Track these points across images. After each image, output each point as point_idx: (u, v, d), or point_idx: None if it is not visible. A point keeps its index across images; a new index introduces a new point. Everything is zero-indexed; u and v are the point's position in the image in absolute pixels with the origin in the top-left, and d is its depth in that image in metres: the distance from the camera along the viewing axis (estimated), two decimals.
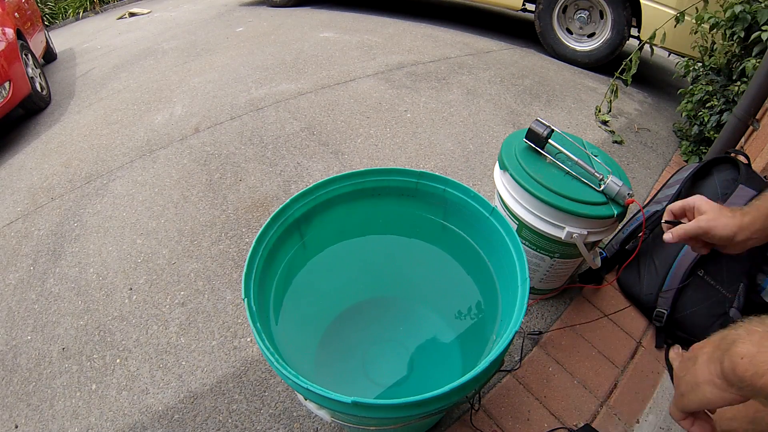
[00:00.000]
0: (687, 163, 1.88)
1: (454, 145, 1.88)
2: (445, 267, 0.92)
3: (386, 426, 0.64)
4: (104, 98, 2.83)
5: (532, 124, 0.96)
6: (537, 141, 0.97)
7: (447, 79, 2.46)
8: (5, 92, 2.50)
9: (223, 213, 1.58)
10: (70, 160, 2.13)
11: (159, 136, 2.15)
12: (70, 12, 6.23)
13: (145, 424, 1.00)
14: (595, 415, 0.96)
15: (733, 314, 0.99)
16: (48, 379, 1.15)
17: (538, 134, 0.95)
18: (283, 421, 0.97)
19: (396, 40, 3.06)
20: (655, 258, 1.13)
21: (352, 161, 1.80)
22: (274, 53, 2.95)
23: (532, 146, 0.98)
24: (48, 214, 1.77)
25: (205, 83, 2.63)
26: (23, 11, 3.52)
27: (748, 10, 1.59)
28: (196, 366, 1.10)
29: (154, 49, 3.65)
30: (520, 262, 0.68)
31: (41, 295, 1.40)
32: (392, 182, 0.84)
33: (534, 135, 0.96)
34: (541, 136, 0.95)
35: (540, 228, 0.96)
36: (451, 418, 0.95)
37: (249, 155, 1.88)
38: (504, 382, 1.01)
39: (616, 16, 2.46)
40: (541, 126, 0.96)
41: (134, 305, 1.29)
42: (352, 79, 2.46)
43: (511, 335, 0.57)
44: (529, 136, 0.97)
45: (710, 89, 1.81)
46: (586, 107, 2.22)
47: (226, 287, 1.30)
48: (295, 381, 0.52)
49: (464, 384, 0.52)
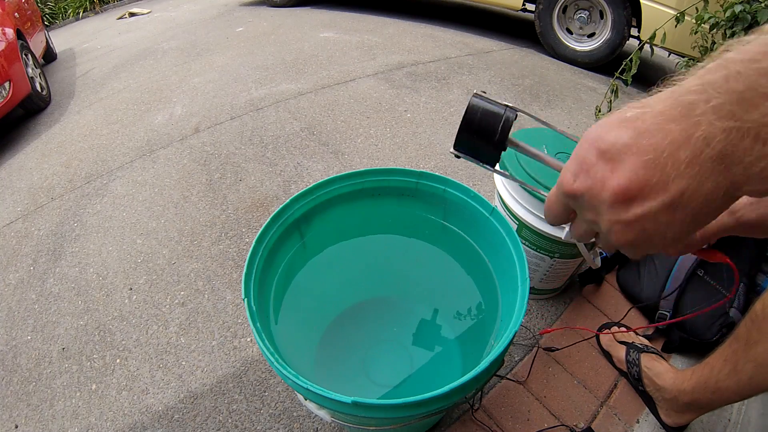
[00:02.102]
0: None
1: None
2: (445, 267, 0.92)
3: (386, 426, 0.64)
4: (104, 98, 2.83)
5: (472, 100, 0.42)
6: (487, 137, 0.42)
7: (447, 79, 2.46)
8: (5, 92, 2.50)
9: (223, 213, 1.58)
10: (70, 160, 2.13)
11: (159, 136, 2.15)
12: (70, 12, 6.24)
13: (145, 424, 1.00)
14: (595, 415, 0.96)
15: (733, 314, 1.00)
16: (48, 379, 1.15)
17: (490, 123, 0.41)
18: (283, 421, 0.97)
19: (396, 40, 3.06)
20: (655, 258, 1.13)
21: (352, 161, 1.80)
22: (274, 53, 2.95)
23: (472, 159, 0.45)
24: (48, 214, 1.77)
25: (205, 83, 2.64)
26: (23, 11, 3.52)
27: (748, 10, 1.59)
28: (196, 366, 1.10)
29: (154, 49, 3.65)
30: (520, 262, 0.68)
31: (41, 295, 1.40)
32: (392, 182, 0.84)
33: (481, 127, 0.41)
34: (495, 128, 0.41)
35: (540, 228, 0.96)
36: (451, 418, 0.95)
37: (249, 155, 1.88)
38: (504, 382, 1.01)
39: (616, 16, 2.46)
40: (492, 104, 0.41)
41: (134, 305, 1.29)
42: (352, 79, 2.46)
43: (511, 335, 0.57)
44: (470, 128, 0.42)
45: None
46: (586, 107, 2.22)
47: (226, 287, 1.30)
48: (295, 381, 0.52)
49: (464, 384, 0.52)
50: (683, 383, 0.80)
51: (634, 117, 0.25)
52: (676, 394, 0.82)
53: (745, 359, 0.61)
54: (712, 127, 0.22)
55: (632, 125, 0.25)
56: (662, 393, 0.87)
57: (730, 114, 0.22)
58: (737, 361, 0.62)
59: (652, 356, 0.94)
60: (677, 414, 0.85)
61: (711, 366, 0.70)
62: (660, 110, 0.24)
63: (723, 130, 0.22)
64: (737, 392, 0.65)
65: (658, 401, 0.90)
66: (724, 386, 0.66)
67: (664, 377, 0.87)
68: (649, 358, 0.93)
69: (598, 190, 0.27)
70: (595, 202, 0.27)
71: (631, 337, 1.02)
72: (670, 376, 0.86)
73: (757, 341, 0.58)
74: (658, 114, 0.24)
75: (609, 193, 0.26)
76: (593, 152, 0.27)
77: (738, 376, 0.63)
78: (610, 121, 0.26)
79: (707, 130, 0.22)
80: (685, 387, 0.79)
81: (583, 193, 0.28)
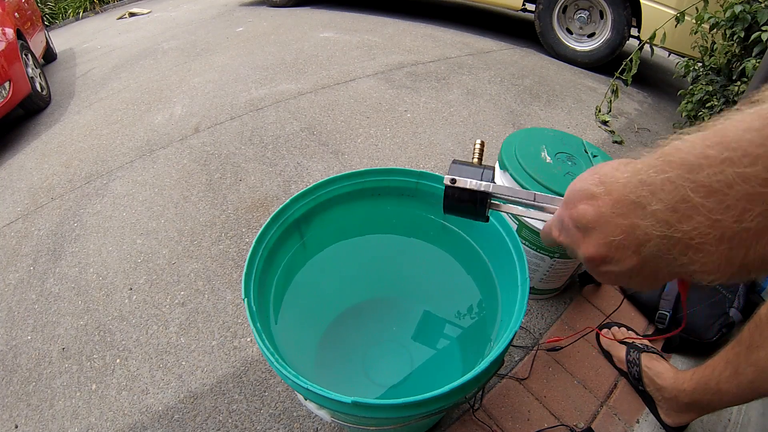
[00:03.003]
0: None
1: (454, 145, 1.88)
2: (445, 267, 0.92)
3: (386, 426, 0.64)
4: (104, 98, 2.83)
5: (445, 191, 0.48)
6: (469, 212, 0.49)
7: (447, 79, 2.46)
8: (5, 92, 2.50)
9: (223, 213, 1.58)
10: (70, 160, 2.13)
11: (159, 136, 2.15)
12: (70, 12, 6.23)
13: (145, 424, 1.00)
14: (595, 415, 0.96)
15: (733, 314, 1.00)
16: (48, 379, 1.15)
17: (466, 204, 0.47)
18: (283, 421, 0.97)
19: (396, 40, 3.06)
20: None
21: (352, 161, 1.80)
22: (274, 53, 2.95)
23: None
24: (48, 214, 1.77)
25: (205, 83, 2.63)
26: (23, 11, 3.52)
27: (748, 10, 1.59)
28: (196, 366, 1.10)
29: (154, 49, 3.65)
30: (520, 262, 0.68)
31: (41, 295, 1.40)
32: (392, 182, 0.84)
33: (461, 207, 0.48)
34: (474, 207, 0.48)
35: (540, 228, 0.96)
36: (451, 418, 0.95)
37: (249, 155, 1.88)
38: (504, 382, 1.01)
39: (616, 16, 2.46)
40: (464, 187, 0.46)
41: (134, 305, 1.29)
42: (352, 79, 2.46)
43: (511, 335, 0.57)
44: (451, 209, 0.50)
45: (710, 89, 1.81)
46: (586, 107, 2.22)
47: (226, 287, 1.30)
48: (295, 381, 0.52)
49: (464, 384, 0.52)
50: (684, 383, 0.80)
51: (598, 197, 0.30)
52: (677, 394, 0.82)
53: (746, 363, 0.61)
54: (649, 231, 0.26)
55: (596, 206, 0.30)
56: (662, 393, 0.87)
57: (665, 222, 0.24)
58: (739, 364, 0.62)
59: (653, 356, 0.94)
60: (677, 414, 0.85)
61: (712, 367, 0.70)
62: (615, 199, 0.28)
63: (658, 236, 0.25)
64: (737, 395, 0.65)
65: (659, 401, 0.90)
66: (725, 388, 0.66)
67: (665, 377, 0.87)
68: (650, 358, 0.93)
69: (575, 247, 0.34)
70: (575, 252, 0.34)
71: (631, 337, 1.03)
72: (671, 376, 0.86)
73: (760, 346, 0.58)
74: (613, 203, 0.29)
75: (582, 254, 0.33)
76: (569, 219, 0.33)
77: (739, 379, 0.63)
78: (583, 190, 0.31)
79: (645, 233, 0.26)
80: (686, 387, 0.79)
81: (566, 244, 0.35)
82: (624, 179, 0.28)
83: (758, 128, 0.21)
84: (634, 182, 0.27)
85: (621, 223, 0.28)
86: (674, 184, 0.23)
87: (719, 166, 0.21)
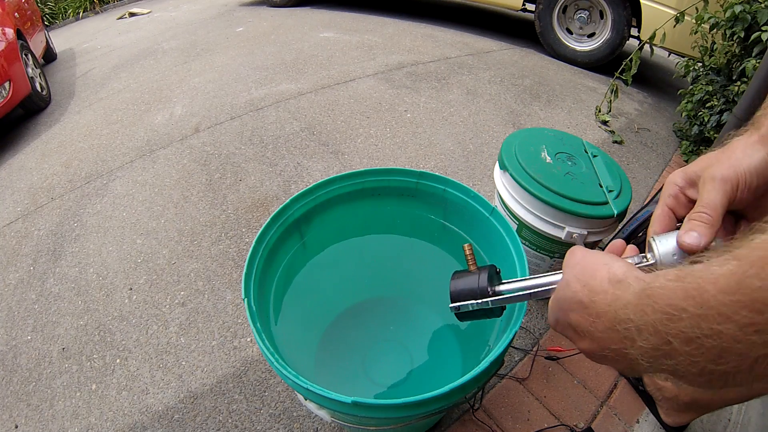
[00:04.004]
0: (687, 163, 1.88)
1: (454, 145, 1.88)
2: (445, 267, 0.92)
3: (386, 426, 0.64)
4: (104, 98, 2.83)
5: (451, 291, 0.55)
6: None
7: (447, 79, 2.46)
8: (5, 92, 2.50)
9: (223, 213, 1.58)
10: (70, 160, 2.13)
11: (159, 136, 2.15)
12: (70, 12, 6.24)
13: (145, 424, 1.00)
14: (595, 415, 0.96)
15: None
16: (48, 379, 1.15)
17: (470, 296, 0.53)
18: (283, 421, 0.97)
19: (396, 40, 3.06)
20: None
21: (352, 161, 1.80)
22: (274, 53, 2.95)
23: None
24: (48, 214, 1.77)
25: (205, 83, 2.63)
26: (23, 11, 3.52)
27: (748, 10, 1.59)
28: (196, 366, 1.10)
29: (154, 49, 3.65)
30: (520, 262, 0.68)
31: (41, 295, 1.40)
32: (392, 182, 0.84)
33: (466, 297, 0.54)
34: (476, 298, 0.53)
35: (540, 228, 0.96)
36: (451, 418, 0.95)
37: (249, 155, 1.88)
38: (504, 382, 1.01)
39: (616, 16, 2.46)
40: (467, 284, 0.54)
41: (134, 305, 1.29)
42: (352, 79, 2.46)
43: (511, 335, 0.57)
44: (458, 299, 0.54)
45: (710, 89, 1.81)
46: (586, 107, 2.22)
47: (226, 287, 1.30)
48: (295, 381, 0.52)
49: (464, 384, 0.52)
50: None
51: (589, 308, 0.33)
52: (677, 393, 0.82)
53: None
54: (636, 357, 0.28)
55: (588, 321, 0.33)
56: (663, 392, 0.87)
57: (650, 356, 0.27)
58: None
59: None
60: (677, 413, 0.85)
61: None
62: (605, 326, 0.31)
63: (644, 361, 0.28)
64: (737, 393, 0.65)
65: (659, 401, 0.90)
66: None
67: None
68: None
69: (570, 339, 0.37)
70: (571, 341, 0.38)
71: None
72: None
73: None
74: (604, 329, 0.31)
75: (578, 347, 0.36)
76: (564, 320, 0.37)
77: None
78: (575, 301, 0.34)
79: (633, 357, 0.29)
80: (686, 386, 0.79)
81: (564, 334, 0.39)
82: (612, 311, 0.30)
83: (731, 292, 0.22)
84: (621, 317, 0.29)
85: (610, 345, 0.31)
86: (656, 329, 0.26)
87: (695, 320, 0.24)
